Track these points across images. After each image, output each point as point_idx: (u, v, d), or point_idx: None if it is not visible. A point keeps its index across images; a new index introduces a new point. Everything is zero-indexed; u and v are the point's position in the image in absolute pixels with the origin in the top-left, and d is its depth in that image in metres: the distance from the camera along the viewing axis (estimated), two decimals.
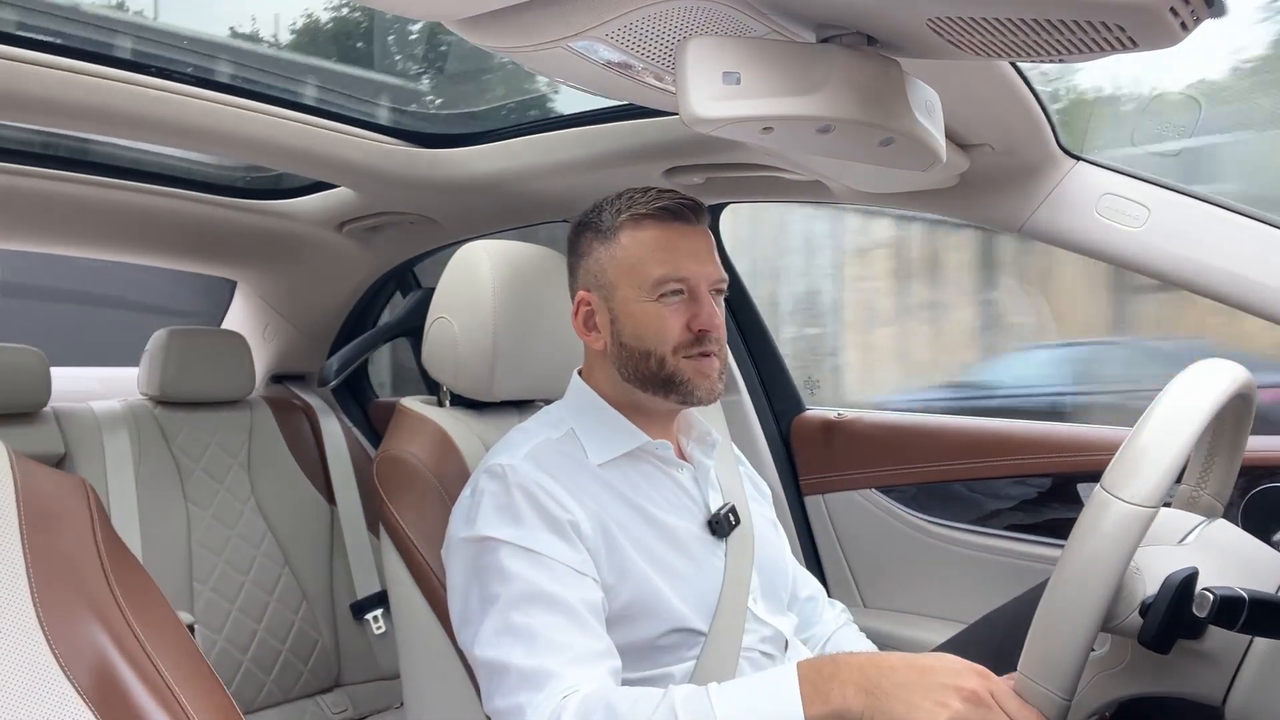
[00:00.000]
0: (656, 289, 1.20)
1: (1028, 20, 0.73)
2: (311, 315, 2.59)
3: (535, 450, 1.20)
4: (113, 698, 0.76)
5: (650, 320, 1.20)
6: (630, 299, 1.21)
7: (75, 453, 2.07)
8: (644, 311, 1.21)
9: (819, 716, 0.92)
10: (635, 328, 1.21)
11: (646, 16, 0.83)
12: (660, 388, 1.22)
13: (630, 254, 1.22)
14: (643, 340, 1.21)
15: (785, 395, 2.08)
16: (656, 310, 1.20)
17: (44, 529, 0.81)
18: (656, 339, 1.20)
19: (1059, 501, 1.71)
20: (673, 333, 1.20)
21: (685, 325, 1.20)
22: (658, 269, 1.20)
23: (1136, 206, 1.30)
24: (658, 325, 1.20)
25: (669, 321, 1.20)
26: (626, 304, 1.22)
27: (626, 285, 1.22)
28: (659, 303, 1.20)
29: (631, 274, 1.21)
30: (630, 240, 1.22)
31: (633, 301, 1.21)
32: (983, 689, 0.88)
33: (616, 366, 1.25)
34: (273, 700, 2.18)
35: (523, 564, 1.09)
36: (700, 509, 1.27)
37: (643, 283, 1.20)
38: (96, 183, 1.89)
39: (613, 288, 1.23)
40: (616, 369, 1.25)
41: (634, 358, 1.22)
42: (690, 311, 1.20)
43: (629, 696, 0.99)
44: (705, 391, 1.21)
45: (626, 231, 1.23)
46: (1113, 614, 0.89)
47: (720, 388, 1.24)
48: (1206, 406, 0.86)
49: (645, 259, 1.21)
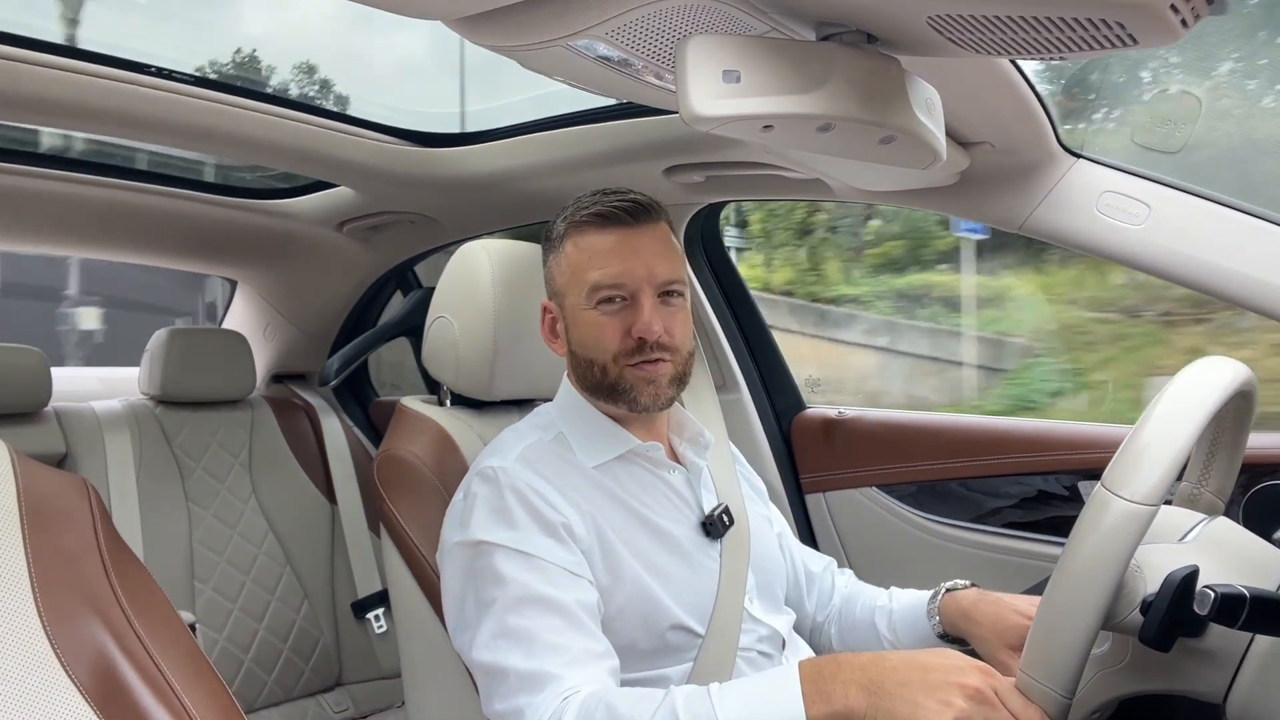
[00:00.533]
0: (593, 296, 1.19)
1: (1028, 18, 0.73)
2: (312, 314, 2.59)
3: (527, 452, 1.20)
4: (114, 697, 0.76)
5: (590, 329, 1.20)
6: (576, 307, 1.21)
7: (76, 452, 2.07)
8: (585, 320, 1.20)
9: (821, 716, 0.91)
10: (580, 336, 1.21)
11: (646, 15, 0.83)
12: (606, 395, 1.21)
13: (572, 261, 1.21)
14: (585, 348, 1.21)
15: (786, 393, 2.08)
16: (595, 318, 1.19)
17: (46, 529, 0.81)
18: (596, 347, 1.19)
19: (1059, 500, 1.71)
20: (611, 341, 1.18)
21: (626, 332, 1.18)
22: (593, 275, 1.18)
23: (1137, 204, 1.30)
24: (596, 334, 1.19)
25: (606, 329, 1.18)
26: (574, 312, 1.22)
27: (571, 293, 1.21)
28: (597, 310, 1.19)
29: (573, 282, 1.21)
30: (572, 248, 1.22)
31: (578, 310, 1.21)
32: (986, 686, 0.88)
33: (572, 374, 1.26)
34: (274, 699, 2.18)
35: (517, 567, 1.09)
36: (693, 510, 1.26)
37: (581, 290, 1.19)
38: (97, 183, 1.89)
39: (563, 296, 1.23)
40: (575, 376, 1.25)
41: (581, 365, 1.22)
42: (631, 318, 1.18)
43: (630, 697, 0.99)
44: (649, 398, 1.19)
45: (569, 239, 1.22)
46: (1114, 612, 0.89)
47: (669, 393, 1.21)
48: (1207, 404, 0.86)
49: (583, 266, 1.20)
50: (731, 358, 2.03)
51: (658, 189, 1.70)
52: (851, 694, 0.91)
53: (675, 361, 1.21)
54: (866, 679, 0.91)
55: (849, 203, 1.70)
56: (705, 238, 2.04)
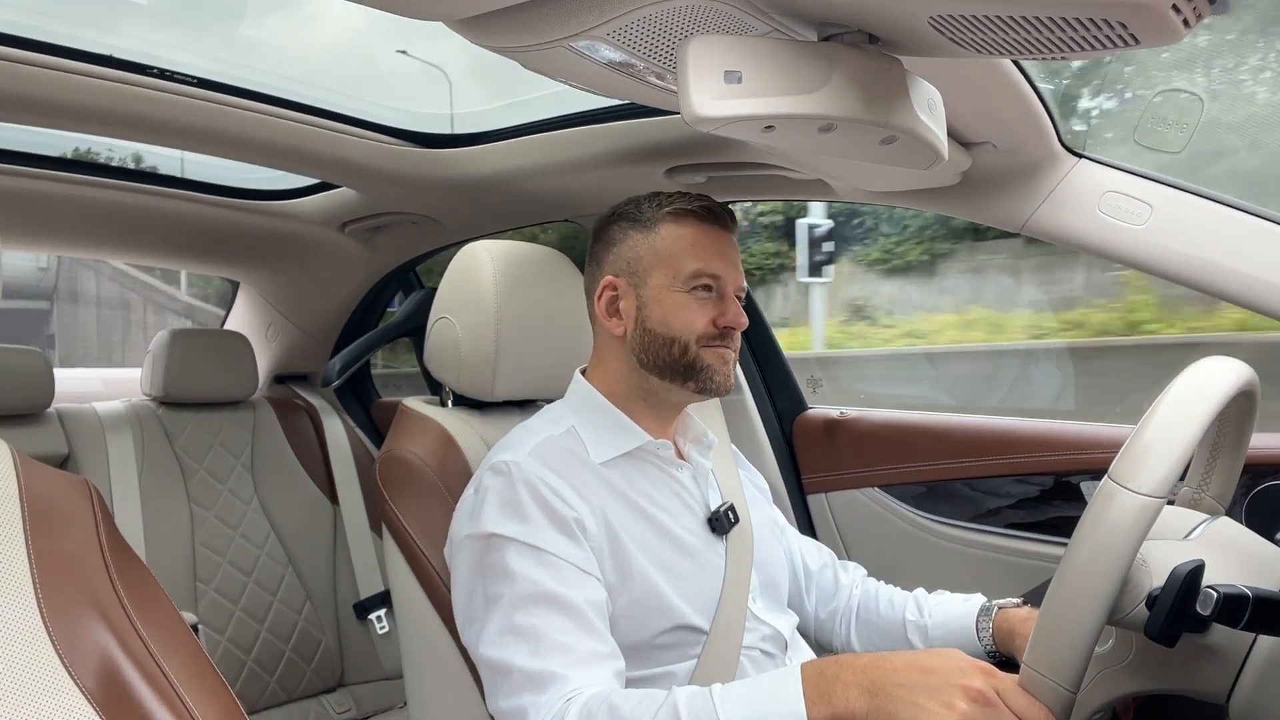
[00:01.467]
0: (690, 281, 1.24)
1: (1029, 18, 0.73)
2: (314, 315, 2.60)
3: (540, 447, 1.20)
4: (117, 699, 0.76)
5: (680, 309, 1.24)
6: (662, 287, 1.25)
7: (79, 453, 2.08)
8: (674, 301, 1.24)
9: (822, 718, 0.91)
10: (663, 314, 1.24)
11: (647, 16, 0.83)
12: (679, 375, 1.24)
13: (669, 245, 1.25)
14: (669, 327, 1.24)
15: (788, 394, 2.08)
16: (686, 301, 1.24)
17: (48, 530, 0.81)
18: (684, 327, 1.23)
19: (1062, 499, 1.70)
20: (699, 324, 1.23)
21: (711, 320, 1.24)
22: (694, 263, 1.24)
23: (1139, 204, 1.30)
24: (686, 315, 1.23)
25: (696, 313, 1.23)
26: (658, 291, 1.25)
27: (660, 274, 1.25)
28: (690, 294, 1.24)
29: (668, 264, 1.25)
30: (670, 233, 1.26)
31: (664, 290, 1.24)
32: (988, 687, 0.88)
33: (636, 353, 1.26)
34: (276, 700, 2.19)
35: (528, 562, 1.09)
36: (700, 507, 1.27)
37: (678, 273, 1.24)
38: (99, 184, 1.89)
39: (645, 275, 1.26)
40: (635, 356, 1.26)
41: (657, 343, 1.25)
42: (718, 308, 1.24)
43: (632, 698, 0.99)
44: (723, 378, 1.25)
45: (667, 224, 1.26)
46: (1119, 607, 0.89)
47: (734, 380, 1.28)
48: (1213, 399, 0.86)
49: (684, 251, 1.25)
50: None
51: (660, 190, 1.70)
52: (853, 695, 0.91)
53: (736, 352, 1.28)
54: (868, 680, 0.91)
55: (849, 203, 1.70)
56: None
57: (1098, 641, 0.84)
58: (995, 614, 1.28)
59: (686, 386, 1.25)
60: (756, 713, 0.94)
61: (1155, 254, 1.29)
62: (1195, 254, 1.26)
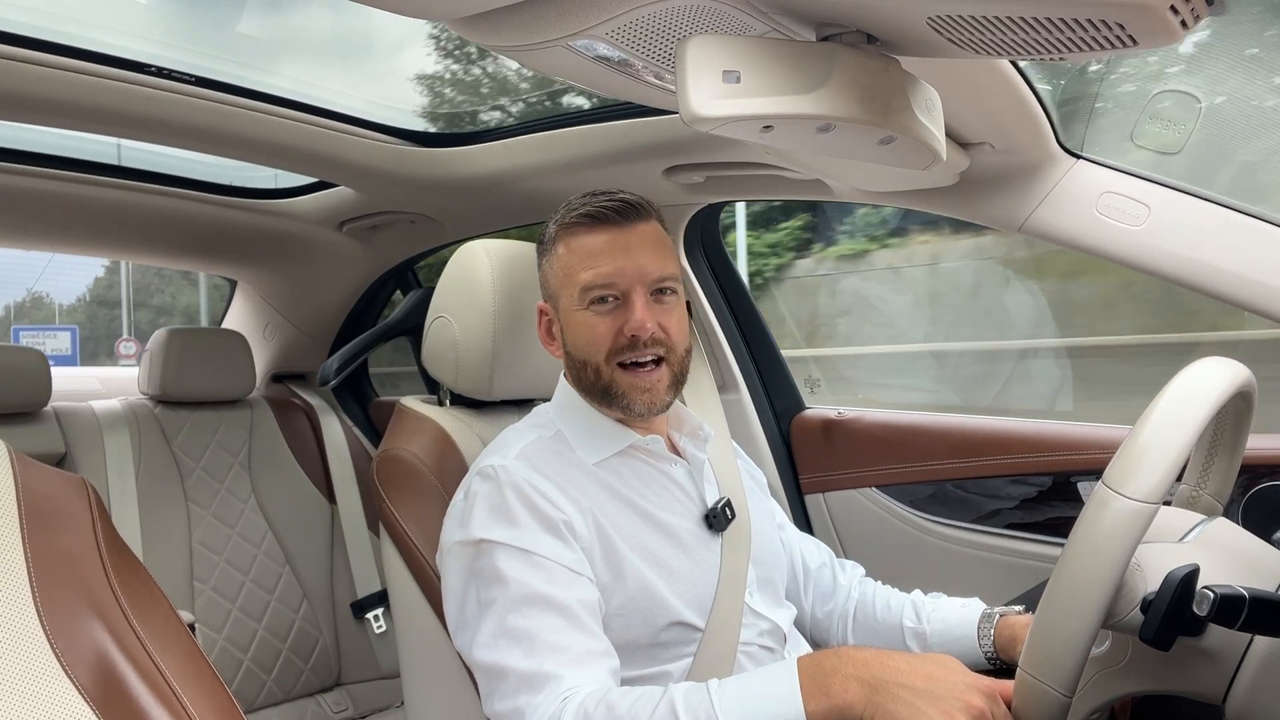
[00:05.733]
0: (585, 296, 1.19)
1: (1027, 18, 0.73)
2: (312, 314, 2.59)
3: (527, 449, 1.20)
4: (114, 697, 0.76)
5: (582, 329, 1.20)
6: (569, 308, 1.22)
7: (76, 452, 2.07)
8: (578, 321, 1.21)
9: (820, 711, 0.91)
10: (573, 337, 1.22)
11: (646, 15, 0.83)
12: (600, 397, 1.22)
13: (563, 263, 1.22)
14: (579, 349, 1.21)
15: (786, 394, 2.08)
16: (587, 319, 1.20)
17: (45, 528, 0.81)
18: (589, 347, 1.20)
19: (1059, 500, 1.70)
20: (603, 340, 1.18)
21: (618, 331, 1.18)
22: (584, 275, 1.19)
23: (1137, 205, 1.30)
24: (588, 334, 1.20)
25: (598, 329, 1.19)
26: (567, 314, 1.22)
27: (564, 294, 1.22)
28: (589, 310, 1.19)
29: (566, 283, 1.21)
30: (564, 249, 1.22)
31: (570, 311, 1.21)
32: (989, 709, 0.88)
33: (570, 377, 1.26)
34: (273, 700, 2.18)
35: (518, 566, 1.09)
36: (696, 504, 1.26)
37: (573, 291, 1.20)
38: (97, 182, 1.89)
39: (556, 298, 1.24)
40: (572, 379, 1.26)
41: (576, 367, 1.23)
42: (623, 317, 1.18)
43: (628, 696, 0.99)
44: (644, 405, 1.20)
45: (561, 240, 1.23)
46: (1114, 611, 0.89)
47: (666, 399, 1.21)
48: (1208, 403, 0.86)
49: (574, 266, 1.20)
50: (731, 358, 2.03)
51: (658, 189, 1.70)
52: (851, 689, 0.91)
53: (672, 361, 1.21)
54: (869, 675, 0.91)
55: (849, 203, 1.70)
56: (705, 238, 2.04)
57: (1093, 645, 0.84)
58: (997, 621, 1.28)
59: (612, 409, 1.22)
60: (753, 706, 0.94)
61: (1152, 255, 1.29)
62: (1192, 255, 1.26)
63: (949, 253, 4.31)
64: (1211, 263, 1.25)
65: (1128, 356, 3.51)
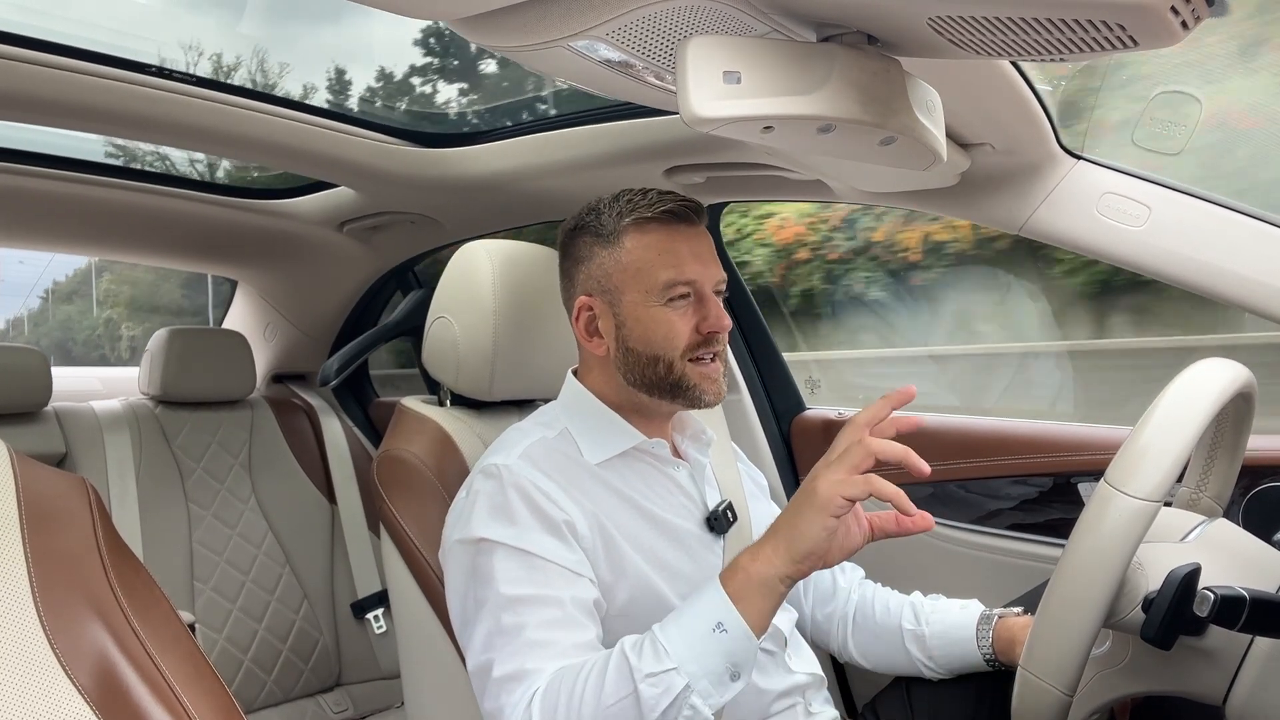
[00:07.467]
0: (666, 293, 1.19)
1: (1028, 19, 0.73)
2: (312, 315, 2.59)
3: (530, 449, 1.19)
4: (114, 698, 0.76)
5: (659, 325, 1.19)
6: (638, 303, 1.20)
7: (76, 452, 2.07)
8: (652, 317, 1.19)
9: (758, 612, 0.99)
10: (644, 333, 1.20)
11: (647, 16, 0.82)
12: (667, 392, 1.22)
13: (636, 258, 1.20)
14: (651, 345, 1.20)
15: (786, 395, 2.08)
16: (665, 315, 1.19)
17: (45, 529, 0.81)
18: (665, 344, 1.19)
19: (1060, 501, 1.70)
20: (682, 337, 1.19)
21: (694, 328, 1.19)
22: (665, 273, 1.18)
23: (1137, 206, 1.30)
24: (667, 330, 1.19)
25: (678, 326, 1.19)
26: (634, 308, 1.20)
27: (634, 290, 1.20)
28: (668, 307, 1.19)
29: (639, 278, 1.20)
30: (634, 244, 1.21)
31: (640, 306, 1.20)
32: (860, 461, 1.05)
33: (621, 371, 1.23)
34: (273, 700, 2.18)
35: (515, 566, 1.09)
36: (698, 506, 1.27)
37: (651, 287, 1.19)
38: (97, 183, 1.89)
39: (619, 292, 1.21)
40: (620, 374, 1.24)
41: (641, 363, 1.21)
42: (699, 314, 1.20)
43: (584, 667, 1.00)
44: (712, 395, 1.22)
45: (630, 235, 1.21)
46: (1115, 610, 0.89)
47: (724, 390, 1.24)
48: (1209, 402, 0.86)
49: (652, 263, 1.19)
50: (731, 359, 2.03)
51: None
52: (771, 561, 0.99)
53: (723, 357, 1.25)
54: (770, 542, 1.00)
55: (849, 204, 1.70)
56: None
57: (1094, 644, 0.84)
58: (996, 623, 1.28)
59: (676, 402, 1.23)
60: (694, 632, 0.98)
61: (1153, 256, 1.29)
62: (1193, 256, 1.26)
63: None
64: (1212, 263, 1.25)
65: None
